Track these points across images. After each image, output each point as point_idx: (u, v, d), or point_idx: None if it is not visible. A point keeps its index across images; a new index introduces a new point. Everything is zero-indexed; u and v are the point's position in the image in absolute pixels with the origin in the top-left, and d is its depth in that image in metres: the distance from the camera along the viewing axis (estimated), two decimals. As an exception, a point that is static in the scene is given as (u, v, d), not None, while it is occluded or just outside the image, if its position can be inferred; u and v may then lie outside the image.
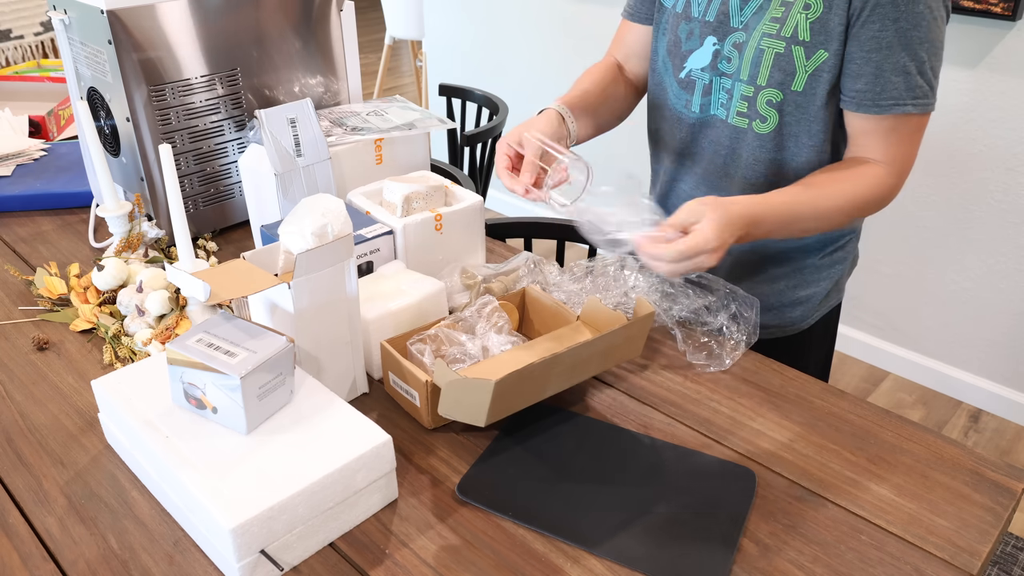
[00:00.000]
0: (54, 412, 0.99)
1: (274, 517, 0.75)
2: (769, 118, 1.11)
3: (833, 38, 1.03)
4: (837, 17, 1.02)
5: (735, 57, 1.11)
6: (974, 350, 2.39)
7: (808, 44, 1.04)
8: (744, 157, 1.16)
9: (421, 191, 1.15)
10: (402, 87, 5.49)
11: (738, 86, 1.11)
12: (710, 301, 1.09)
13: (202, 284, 0.82)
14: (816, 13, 1.03)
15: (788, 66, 1.06)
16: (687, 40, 1.16)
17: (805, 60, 1.05)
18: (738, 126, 1.14)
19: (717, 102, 1.15)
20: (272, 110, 1.19)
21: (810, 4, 1.03)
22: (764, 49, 1.07)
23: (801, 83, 1.07)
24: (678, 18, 1.16)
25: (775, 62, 1.07)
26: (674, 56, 1.19)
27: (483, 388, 0.83)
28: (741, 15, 1.09)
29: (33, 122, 1.80)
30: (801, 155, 1.13)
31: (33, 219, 1.46)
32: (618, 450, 0.93)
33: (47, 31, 2.92)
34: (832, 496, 0.86)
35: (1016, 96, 2.06)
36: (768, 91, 1.09)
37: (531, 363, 0.86)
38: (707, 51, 1.13)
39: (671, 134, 1.24)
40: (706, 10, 1.12)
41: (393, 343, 0.98)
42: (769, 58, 1.07)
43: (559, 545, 0.81)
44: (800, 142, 1.12)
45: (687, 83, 1.18)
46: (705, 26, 1.13)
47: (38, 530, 0.83)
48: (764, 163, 1.14)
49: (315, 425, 0.84)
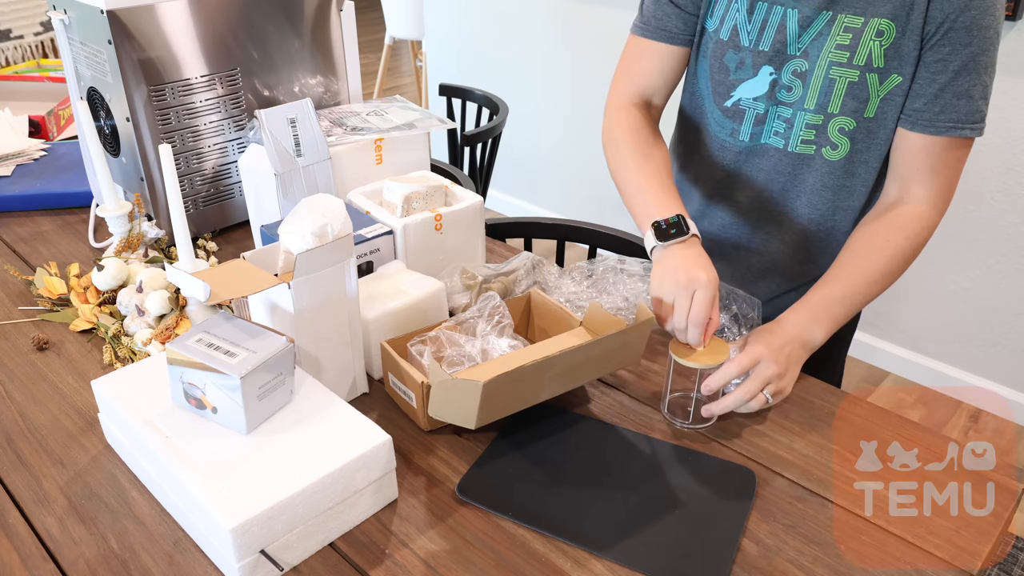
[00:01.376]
0: (54, 412, 0.99)
1: (274, 517, 0.75)
2: (840, 145, 1.08)
3: (908, 62, 1.01)
4: (912, 42, 0.99)
5: (797, 86, 1.07)
6: (974, 350, 2.39)
7: (882, 70, 1.02)
8: (810, 184, 1.13)
9: (421, 191, 1.15)
10: (402, 87, 5.49)
11: (801, 115, 1.08)
12: None
13: (202, 284, 0.82)
14: (890, 40, 1.00)
15: (862, 93, 1.04)
16: (737, 69, 1.11)
17: (879, 86, 1.03)
18: (803, 153, 1.11)
19: (771, 131, 1.12)
20: (272, 110, 1.19)
21: (883, 31, 1.00)
22: (835, 79, 1.04)
23: (873, 109, 1.05)
24: (723, 45, 1.11)
25: (848, 90, 1.04)
26: (718, 84, 1.14)
27: (472, 389, 0.83)
28: (799, 42, 1.05)
29: (33, 122, 1.80)
30: (869, 180, 1.11)
31: (33, 219, 1.46)
32: (618, 450, 0.93)
33: (47, 31, 2.92)
34: (832, 496, 0.86)
35: (1016, 96, 2.06)
36: (840, 119, 1.06)
37: (521, 366, 0.85)
38: (763, 80, 1.09)
39: (711, 162, 1.20)
40: (759, 39, 1.08)
41: (393, 344, 0.98)
42: (842, 87, 1.04)
43: (559, 545, 0.81)
44: (869, 167, 1.10)
45: (734, 112, 1.14)
46: (759, 55, 1.08)
47: (38, 530, 0.83)
48: (831, 189, 1.13)
49: (315, 425, 0.84)
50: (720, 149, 1.18)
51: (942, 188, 1.05)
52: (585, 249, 1.54)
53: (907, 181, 1.06)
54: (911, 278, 2.47)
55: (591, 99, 2.98)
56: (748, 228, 1.22)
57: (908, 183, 1.06)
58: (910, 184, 1.06)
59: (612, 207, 3.06)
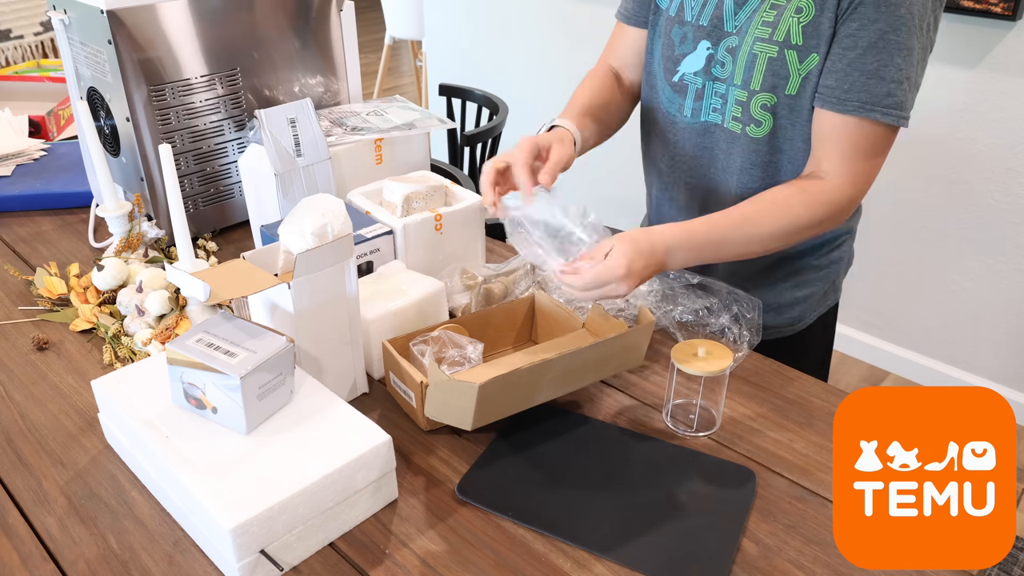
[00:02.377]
0: (54, 412, 0.99)
1: (274, 517, 0.75)
2: (764, 122, 1.10)
3: (824, 41, 1.02)
4: (828, 20, 1.01)
5: (728, 62, 1.10)
6: (974, 350, 2.39)
7: (801, 48, 1.03)
8: (739, 162, 1.15)
9: (421, 191, 1.15)
10: (402, 87, 5.49)
11: (732, 91, 1.11)
12: (712, 303, 1.09)
13: (202, 284, 0.82)
14: (808, 16, 1.02)
15: (781, 70, 1.05)
16: (680, 44, 1.15)
17: (798, 64, 1.04)
18: (732, 130, 1.13)
19: (709, 107, 1.14)
20: (272, 110, 1.19)
21: (802, 8, 1.02)
22: (757, 54, 1.06)
23: (795, 87, 1.06)
24: (671, 21, 1.15)
25: (768, 66, 1.06)
26: (667, 60, 1.18)
27: (468, 391, 0.83)
28: (735, 19, 1.08)
29: (33, 122, 1.80)
30: (797, 157, 1.12)
31: (33, 219, 1.46)
32: (618, 450, 0.93)
33: (47, 31, 2.92)
34: (832, 496, 0.86)
35: (1016, 96, 2.06)
36: (762, 95, 1.08)
37: (518, 368, 0.85)
38: (700, 55, 1.13)
39: (663, 137, 1.24)
40: (700, 14, 1.11)
41: (395, 343, 0.98)
42: (763, 63, 1.06)
43: (559, 545, 0.81)
44: (795, 145, 1.11)
45: (680, 87, 1.17)
46: (699, 30, 1.11)
47: (38, 530, 0.83)
48: (759, 167, 1.14)
49: (315, 425, 0.84)
50: (671, 125, 1.21)
51: (854, 171, 1.04)
52: (585, 249, 1.54)
53: (819, 158, 1.06)
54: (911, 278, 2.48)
55: (591, 99, 2.98)
56: (698, 209, 1.23)
57: (819, 160, 1.06)
58: (821, 161, 1.05)
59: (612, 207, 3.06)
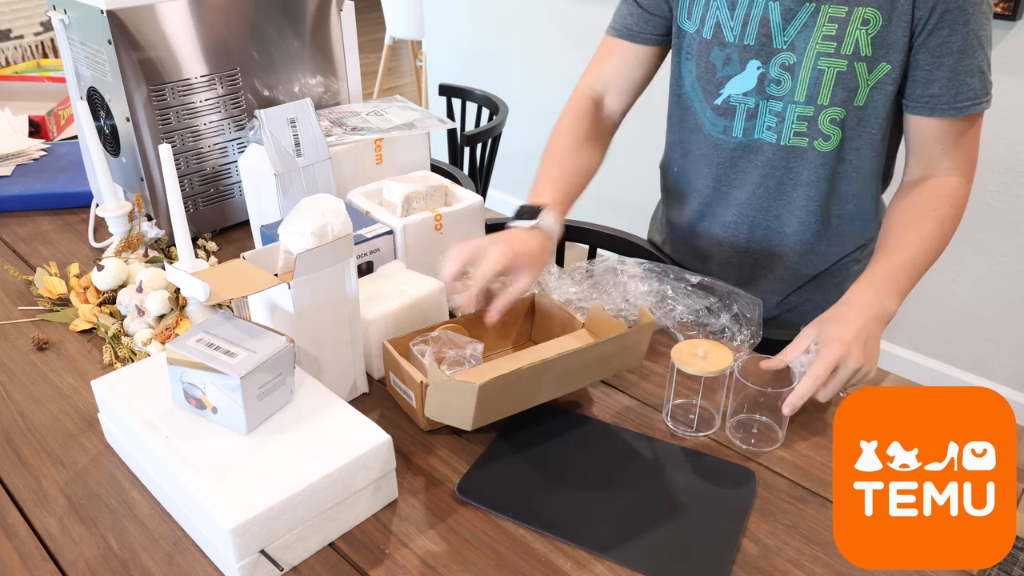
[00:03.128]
0: (54, 412, 0.99)
1: (274, 517, 0.75)
2: (832, 136, 1.10)
3: (896, 50, 1.02)
4: (900, 29, 1.01)
5: (786, 79, 1.08)
6: (974, 350, 2.39)
7: (870, 59, 1.03)
8: (804, 176, 1.14)
9: (421, 191, 1.15)
10: (402, 87, 5.49)
11: (792, 108, 1.09)
12: (711, 302, 1.09)
13: (202, 284, 0.82)
14: (876, 28, 1.01)
15: (851, 83, 1.05)
16: (724, 66, 1.12)
17: (867, 75, 1.04)
18: (796, 146, 1.12)
19: (763, 125, 1.13)
20: (272, 110, 1.19)
21: (869, 19, 1.01)
22: (824, 69, 1.05)
23: (863, 97, 1.06)
24: (708, 44, 1.12)
25: (838, 80, 1.05)
26: (707, 83, 1.15)
27: (468, 391, 0.83)
28: (784, 35, 1.06)
29: (33, 122, 1.80)
30: (862, 165, 1.13)
31: (33, 219, 1.46)
32: (618, 450, 0.93)
33: (47, 31, 2.92)
34: (832, 496, 0.86)
35: (1016, 96, 2.06)
36: (831, 110, 1.08)
37: (518, 368, 0.85)
38: (750, 75, 1.10)
39: (706, 160, 1.21)
40: (742, 34, 1.09)
41: (395, 343, 0.98)
42: (831, 77, 1.05)
43: (559, 545, 0.81)
44: (861, 154, 1.12)
45: (725, 109, 1.15)
46: (745, 50, 1.09)
47: (38, 530, 0.83)
48: (826, 179, 1.14)
49: (315, 425, 0.84)
50: (714, 148, 1.19)
51: (968, 159, 1.08)
52: (585, 249, 1.54)
53: (933, 160, 1.08)
54: (911, 278, 2.46)
55: (591, 99, 2.98)
56: (748, 226, 1.23)
57: (934, 161, 1.08)
58: (937, 161, 1.08)
59: (612, 207, 3.06)
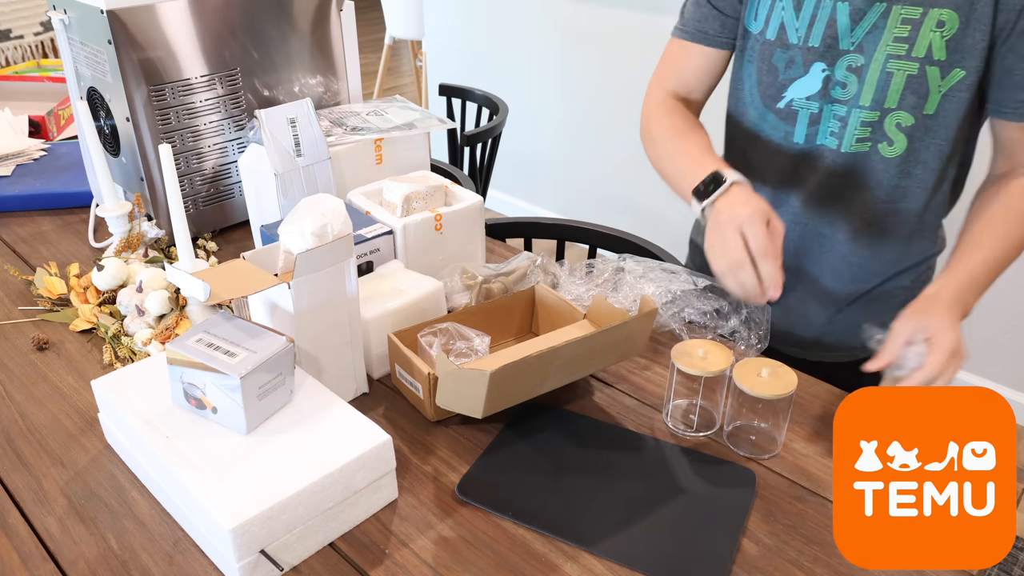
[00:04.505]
0: (54, 412, 0.99)
1: (274, 517, 0.75)
2: (897, 141, 1.05)
3: (972, 55, 0.97)
4: (978, 33, 0.96)
5: (852, 82, 1.04)
6: (974, 350, 2.38)
7: (944, 63, 0.98)
8: (866, 181, 1.10)
9: (421, 191, 1.15)
10: (402, 87, 5.50)
11: (856, 112, 1.05)
12: (722, 305, 1.08)
13: (202, 284, 0.82)
14: (952, 30, 0.97)
15: (921, 88, 1.00)
16: (787, 69, 1.08)
17: (940, 80, 1.00)
18: (858, 152, 1.08)
19: (827, 131, 1.09)
20: (272, 110, 1.19)
21: (944, 21, 0.96)
22: (893, 72, 1.00)
23: (933, 106, 1.02)
24: (771, 46, 1.08)
25: (907, 84, 1.01)
26: (768, 86, 1.11)
27: (479, 379, 0.84)
28: (852, 36, 1.02)
29: (33, 122, 1.80)
30: (928, 180, 1.08)
31: (33, 219, 1.46)
32: (619, 450, 0.93)
33: (47, 31, 2.92)
34: (832, 496, 0.86)
35: None
36: (898, 114, 1.03)
37: (527, 356, 0.86)
38: (815, 78, 1.06)
39: (768, 163, 1.16)
40: (807, 35, 1.04)
41: (402, 336, 0.98)
42: (900, 80, 1.01)
43: (559, 545, 0.81)
44: (928, 167, 1.07)
45: (787, 113, 1.10)
46: (809, 52, 1.05)
47: (38, 530, 0.83)
48: (886, 188, 1.09)
49: (315, 425, 0.84)
50: (774, 154, 1.15)
51: None
52: (585, 249, 1.54)
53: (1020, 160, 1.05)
54: (911, 278, 2.46)
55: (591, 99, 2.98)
56: (799, 233, 1.17)
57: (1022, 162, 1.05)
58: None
59: (612, 207, 3.06)
